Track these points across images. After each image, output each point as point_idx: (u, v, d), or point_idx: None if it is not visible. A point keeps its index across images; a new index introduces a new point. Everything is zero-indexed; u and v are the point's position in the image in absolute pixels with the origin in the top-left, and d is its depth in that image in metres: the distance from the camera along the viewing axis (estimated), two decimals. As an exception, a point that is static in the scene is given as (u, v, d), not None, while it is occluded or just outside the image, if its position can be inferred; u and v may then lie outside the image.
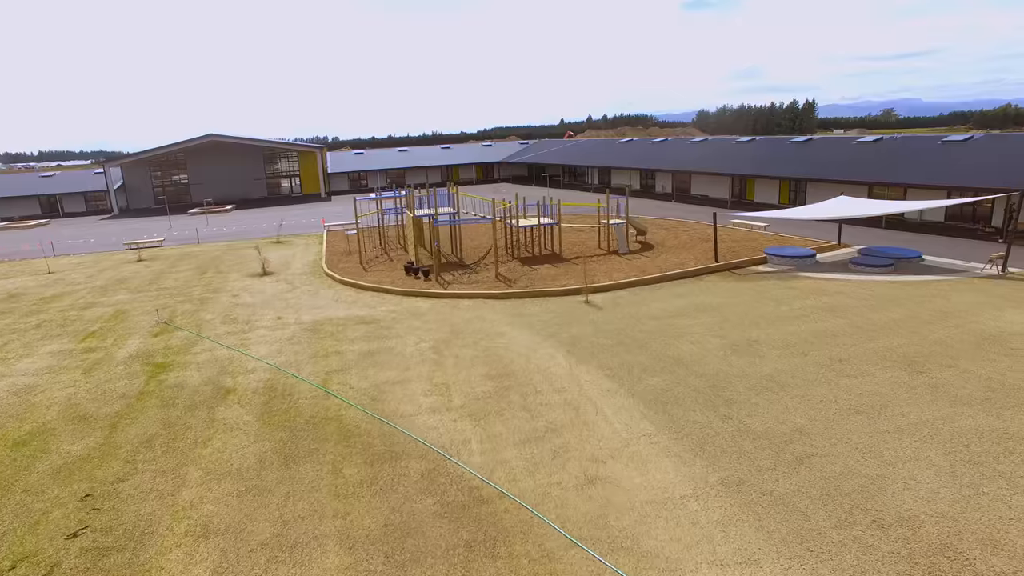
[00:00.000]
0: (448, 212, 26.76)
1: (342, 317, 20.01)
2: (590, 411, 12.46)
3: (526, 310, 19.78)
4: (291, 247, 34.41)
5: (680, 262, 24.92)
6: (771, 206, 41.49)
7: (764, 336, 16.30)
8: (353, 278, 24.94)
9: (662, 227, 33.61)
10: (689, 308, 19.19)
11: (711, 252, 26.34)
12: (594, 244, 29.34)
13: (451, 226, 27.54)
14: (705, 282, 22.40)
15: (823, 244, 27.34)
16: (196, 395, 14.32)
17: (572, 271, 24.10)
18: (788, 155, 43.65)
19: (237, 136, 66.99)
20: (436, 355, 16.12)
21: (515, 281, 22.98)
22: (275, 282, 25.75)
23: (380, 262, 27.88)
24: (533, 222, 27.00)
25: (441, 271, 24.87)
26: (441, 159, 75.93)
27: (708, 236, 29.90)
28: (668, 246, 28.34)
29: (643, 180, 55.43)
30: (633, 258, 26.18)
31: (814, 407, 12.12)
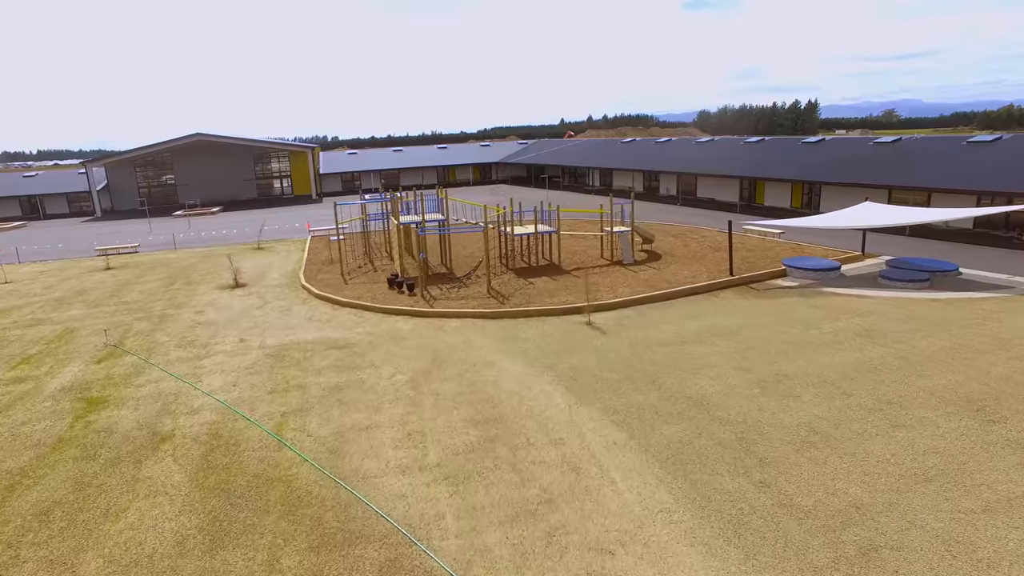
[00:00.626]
0: (436, 219, 24.48)
1: (312, 340, 17.72)
2: (594, 473, 10.18)
3: (520, 333, 17.49)
4: (271, 254, 32.13)
5: (691, 275, 22.63)
6: (782, 210, 39.22)
7: (795, 369, 14.02)
8: (331, 292, 22.66)
9: (669, 234, 31.32)
10: (705, 331, 16.90)
11: (724, 263, 24.05)
12: (596, 253, 27.05)
13: (440, 235, 25.26)
14: (720, 299, 20.11)
15: (846, 254, 25.05)
16: (125, 444, 12.03)
17: (572, 285, 21.83)
18: (799, 156, 41.37)
19: (225, 135, 64.70)
20: (413, 391, 13.83)
21: (509, 297, 20.70)
22: (246, 296, 23.46)
23: (363, 273, 25.59)
24: (529, 230, 24.72)
25: (428, 284, 22.60)
26: (437, 159, 73.64)
27: (719, 244, 27.62)
28: (677, 256, 26.05)
29: (646, 182, 53.14)
30: (639, 269, 23.89)
31: (870, 471, 9.83)
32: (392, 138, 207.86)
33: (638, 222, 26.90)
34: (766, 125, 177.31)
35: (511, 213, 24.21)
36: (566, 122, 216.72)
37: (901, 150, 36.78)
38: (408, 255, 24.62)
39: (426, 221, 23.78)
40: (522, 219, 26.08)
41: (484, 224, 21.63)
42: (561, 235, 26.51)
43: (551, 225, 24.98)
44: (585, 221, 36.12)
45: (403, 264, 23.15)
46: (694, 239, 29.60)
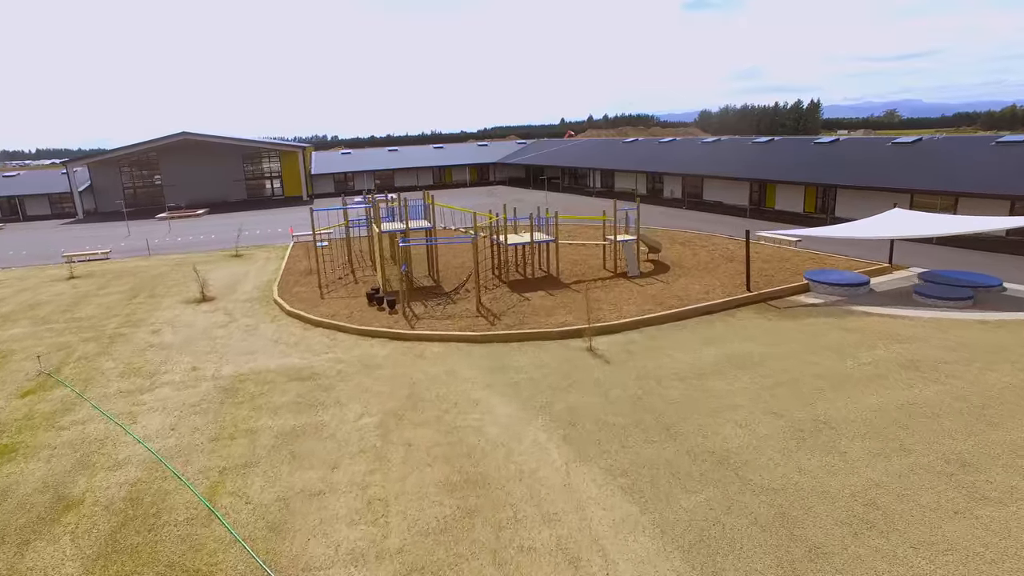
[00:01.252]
0: (422, 227, 22.25)
1: (274, 369, 15.48)
2: (596, 567, 7.95)
3: (511, 361, 15.25)
4: (248, 262, 29.88)
5: (703, 290, 20.38)
6: (794, 215, 37.00)
7: (835, 412, 11.78)
8: (304, 308, 20.43)
9: (676, 241, 29.06)
10: (724, 361, 14.66)
11: (739, 275, 21.82)
12: (598, 264, 24.80)
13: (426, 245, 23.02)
14: (738, 319, 17.85)
15: (871, 265, 22.81)
16: (18, 513, 9.80)
17: (572, 301, 19.59)
18: (812, 158, 39.11)
19: (213, 134, 62.47)
20: (381, 439, 11.60)
21: (500, 316, 18.46)
22: (212, 311, 21.22)
23: (343, 285, 23.36)
24: (525, 239, 22.47)
25: (411, 300, 20.37)
26: (433, 159, 71.39)
27: (732, 254, 25.38)
28: (686, 267, 23.80)
29: (650, 184, 50.89)
30: (646, 283, 21.65)
31: (958, 571, 7.60)
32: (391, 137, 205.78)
33: (644, 229, 24.64)
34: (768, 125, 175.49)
35: (504, 220, 21.94)
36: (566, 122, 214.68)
37: (923, 151, 34.54)
38: (393, 266, 22.39)
39: (410, 229, 21.54)
40: (517, 227, 23.85)
41: (473, 234, 19.37)
42: (560, 244, 24.28)
43: (548, 233, 22.74)
44: (586, 227, 33.91)
45: (385, 277, 20.91)
46: (704, 248, 27.34)
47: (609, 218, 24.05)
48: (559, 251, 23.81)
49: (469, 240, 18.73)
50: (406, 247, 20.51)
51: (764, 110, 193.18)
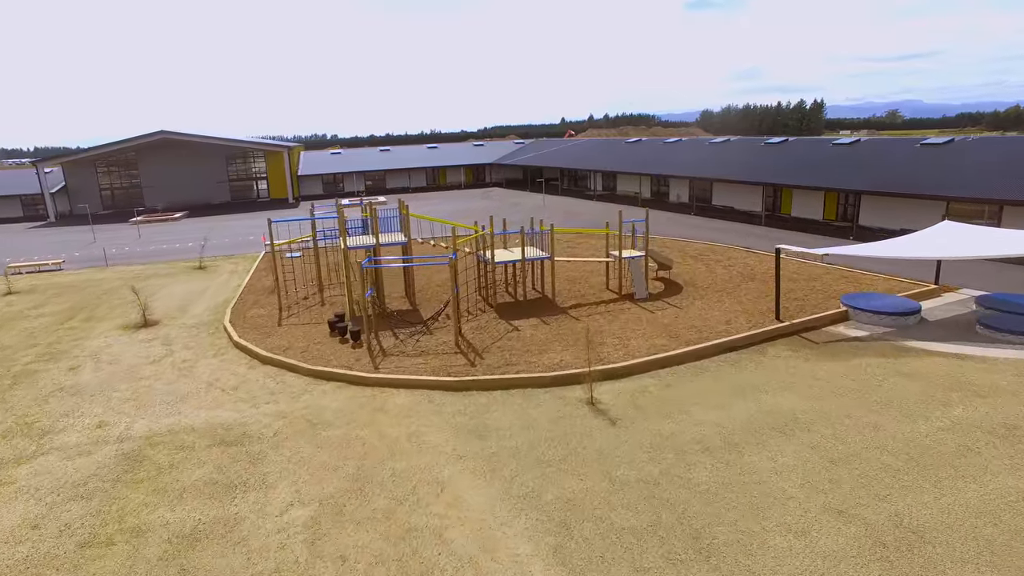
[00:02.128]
0: (396, 242, 19.17)
1: (198, 427, 12.41)
2: None
3: (492, 419, 12.18)
4: (211, 276, 26.81)
5: (724, 318, 17.31)
6: (813, 223, 33.92)
7: (923, 513, 8.71)
8: (256, 338, 17.37)
9: (687, 254, 25.97)
10: (761, 421, 11.59)
11: (762, 297, 18.77)
12: (600, 282, 21.72)
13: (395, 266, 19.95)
14: (770, 359, 14.77)
15: (915, 286, 19.74)
16: None
17: (569, 332, 16.54)
18: (830, 160, 36.01)
19: (193, 133, 59.44)
20: (308, 549, 8.54)
21: (483, 352, 15.39)
22: (148, 341, 18.16)
23: (307, 307, 20.32)
24: (515, 256, 19.37)
25: (380, 329, 17.29)
26: (427, 160, 68.30)
27: (752, 271, 22.31)
28: (701, 287, 20.72)
29: (654, 187, 47.80)
30: (656, 307, 18.58)
31: None
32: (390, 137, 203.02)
33: (655, 247, 21.52)
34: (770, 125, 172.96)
35: (491, 234, 18.84)
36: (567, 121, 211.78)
37: (956, 153, 31.45)
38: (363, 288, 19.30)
39: (381, 245, 18.46)
40: (506, 241, 20.76)
41: (452, 253, 16.27)
42: (557, 260, 21.20)
43: (543, 248, 19.65)
44: (587, 237, 30.83)
45: (352, 302, 17.83)
46: (719, 262, 24.25)
47: (613, 230, 20.96)
48: (556, 268, 20.72)
49: (446, 261, 15.67)
50: (371, 269, 17.43)
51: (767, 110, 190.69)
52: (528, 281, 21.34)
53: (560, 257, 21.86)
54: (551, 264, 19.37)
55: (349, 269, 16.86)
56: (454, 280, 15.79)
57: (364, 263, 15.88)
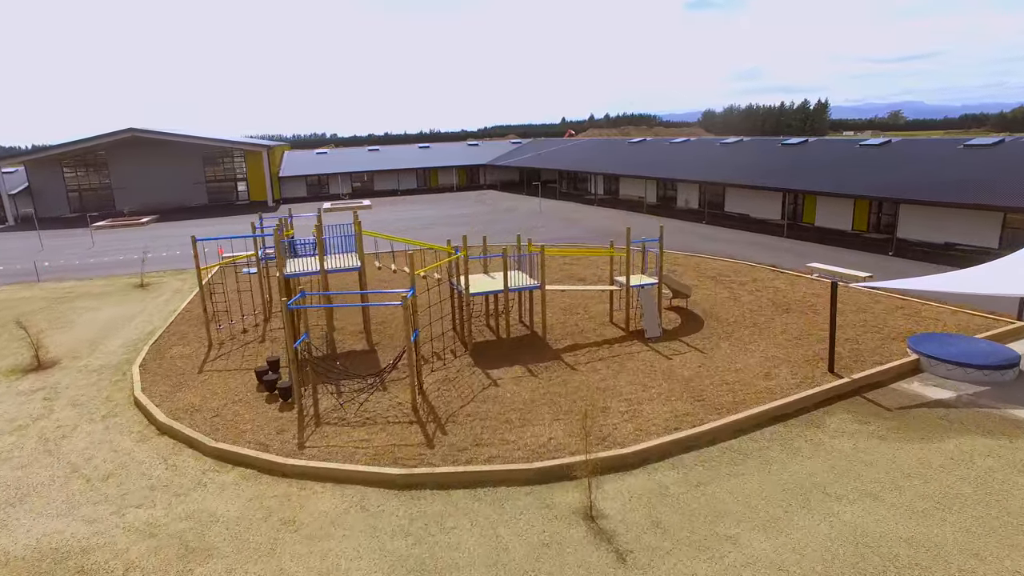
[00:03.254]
0: (348, 268, 15.34)
1: (17, 555, 8.60)
2: None
3: (446, 550, 8.36)
4: (149, 296, 22.99)
5: (762, 369, 13.50)
6: (840, 233, 30.13)
7: None
8: (163, 392, 13.59)
9: (705, 274, 22.15)
10: (844, 559, 7.79)
11: (800, 335, 15.00)
12: (602, 311, 17.91)
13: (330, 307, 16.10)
14: (831, 435, 10.96)
15: (994, 322, 15.93)
16: None
17: (562, 388, 12.75)
18: (859, 163, 32.18)
19: (165, 131, 55.62)
20: None
21: (447, 421, 11.59)
22: (29, 393, 14.34)
23: (245, 343, 16.54)
24: (495, 284, 15.52)
25: (322, 381, 13.47)
26: (418, 161, 64.46)
27: (785, 298, 18.48)
28: (726, 320, 16.92)
29: (660, 191, 43.97)
30: (673, 351, 14.78)
31: None
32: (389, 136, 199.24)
33: (670, 272, 17.57)
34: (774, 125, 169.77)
35: (465, 258, 14.97)
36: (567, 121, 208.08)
37: (1008, 156, 27.64)
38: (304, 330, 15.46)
39: (328, 272, 14.64)
40: (487, 265, 16.91)
41: (409, 289, 12.43)
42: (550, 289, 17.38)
43: (532, 274, 15.81)
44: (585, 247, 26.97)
45: (291, 344, 13.98)
46: (743, 286, 20.42)
47: (619, 250, 17.13)
48: (548, 298, 16.89)
49: (399, 301, 11.87)
50: (315, 306, 13.61)
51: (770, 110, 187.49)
52: (515, 312, 17.56)
53: (553, 285, 18.00)
54: (542, 294, 15.52)
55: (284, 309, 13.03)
56: (409, 324, 11.97)
57: (291, 302, 12.07)
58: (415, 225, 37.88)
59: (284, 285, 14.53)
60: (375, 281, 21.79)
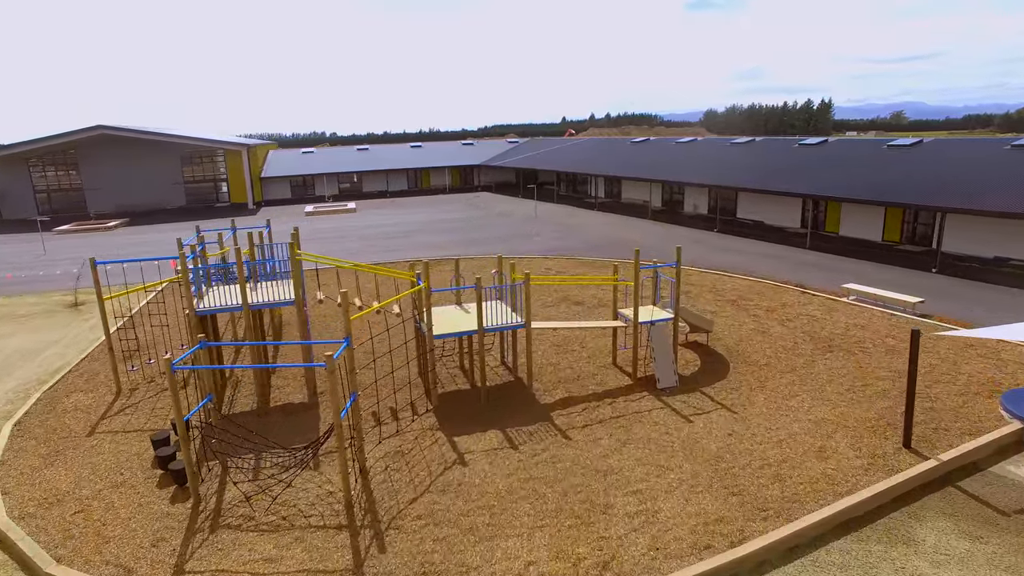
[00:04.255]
0: (280, 303, 12.10)
1: None
2: None
3: None
4: (77, 320, 19.77)
5: (814, 441, 10.27)
6: (871, 245, 26.93)
7: None
8: (30, 467, 10.39)
9: (723, 295, 18.91)
10: None
11: (860, 387, 11.77)
12: (603, 348, 14.69)
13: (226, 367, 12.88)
14: (929, 558, 7.73)
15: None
16: None
17: (550, 470, 9.56)
18: (888, 166, 28.93)
19: (136, 129, 52.40)
20: None
21: (388, 528, 8.37)
22: None
23: (162, 391, 13.33)
24: (466, 322, 12.24)
25: (236, 453, 10.24)
26: (408, 161, 61.17)
27: (824, 329, 15.21)
28: (756, 361, 13.69)
29: (666, 194, 40.73)
30: (694, 408, 11.56)
31: None
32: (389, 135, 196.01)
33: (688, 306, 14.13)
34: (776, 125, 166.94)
35: (426, 290, 11.69)
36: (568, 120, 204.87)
37: (1063, 160, 24.39)
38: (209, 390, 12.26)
39: (251, 307, 11.40)
40: (460, 298, 13.67)
41: (344, 340, 9.20)
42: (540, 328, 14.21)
43: (516, 311, 12.53)
44: (586, 268, 23.76)
45: (180, 417, 10.76)
46: (772, 313, 17.18)
47: (624, 281, 13.87)
48: (536, 335, 13.67)
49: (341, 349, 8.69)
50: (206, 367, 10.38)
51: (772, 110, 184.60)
52: (495, 347, 14.35)
53: (541, 323, 14.73)
54: (527, 335, 12.25)
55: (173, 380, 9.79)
56: (338, 392, 8.74)
57: (175, 363, 8.82)
58: (398, 231, 34.67)
59: (196, 325, 11.29)
60: (322, 317, 18.42)
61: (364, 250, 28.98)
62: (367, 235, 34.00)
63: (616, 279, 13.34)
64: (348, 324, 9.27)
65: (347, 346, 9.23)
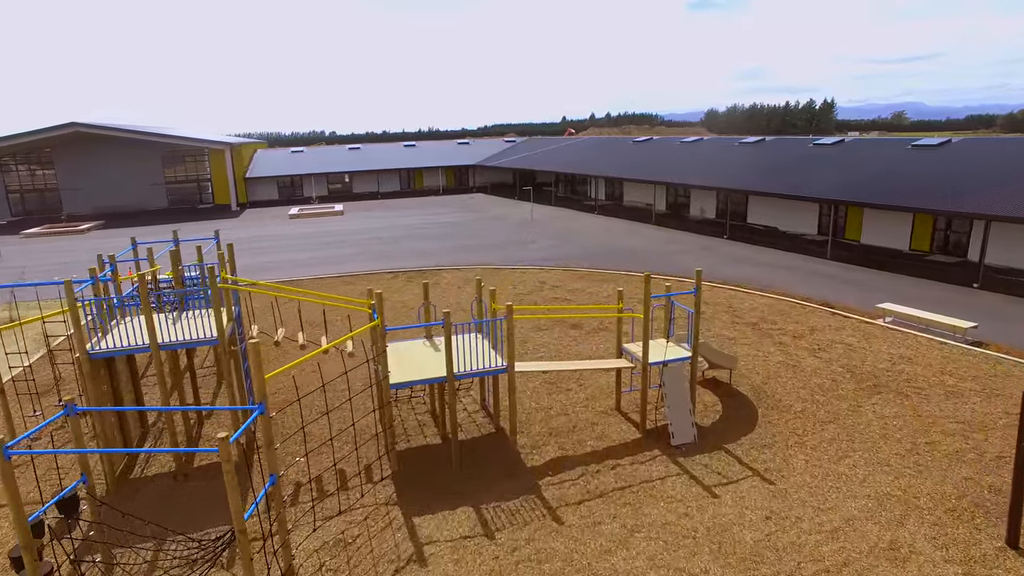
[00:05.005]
0: (201, 341, 9.66)
1: None
2: None
3: None
4: None
5: (880, 531, 7.87)
6: (897, 255, 24.55)
7: None
8: None
9: (742, 317, 16.49)
10: None
11: (916, 441, 9.35)
12: (604, 388, 12.29)
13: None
14: None
15: None
16: None
17: (533, 572, 7.17)
18: (914, 168, 26.51)
19: (111, 127, 50.01)
20: None
21: None
22: None
23: (63, 444, 10.92)
24: (433, 366, 9.80)
25: (117, 543, 7.83)
26: (401, 161, 58.73)
27: (864, 363, 12.78)
28: (789, 406, 11.30)
29: (670, 196, 38.33)
30: (718, 475, 9.17)
31: None
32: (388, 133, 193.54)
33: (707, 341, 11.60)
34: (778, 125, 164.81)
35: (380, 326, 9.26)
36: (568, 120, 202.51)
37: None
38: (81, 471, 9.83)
39: (161, 347, 8.98)
40: (431, 336, 11.22)
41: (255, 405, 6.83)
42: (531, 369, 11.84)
43: (497, 349, 10.11)
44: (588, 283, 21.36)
45: (21, 524, 8.32)
46: (800, 340, 14.75)
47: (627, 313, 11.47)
48: (524, 376, 11.25)
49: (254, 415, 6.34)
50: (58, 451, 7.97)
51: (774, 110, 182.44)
52: (476, 387, 11.94)
53: (528, 364, 12.33)
54: (509, 380, 9.82)
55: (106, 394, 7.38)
56: (234, 488, 6.33)
57: (8, 448, 6.41)
58: (385, 236, 32.25)
59: (89, 373, 8.88)
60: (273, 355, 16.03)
61: (343, 258, 26.57)
62: (350, 240, 31.60)
63: (620, 308, 10.90)
64: (262, 385, 6.85)
65: (260, 414, 6.83)
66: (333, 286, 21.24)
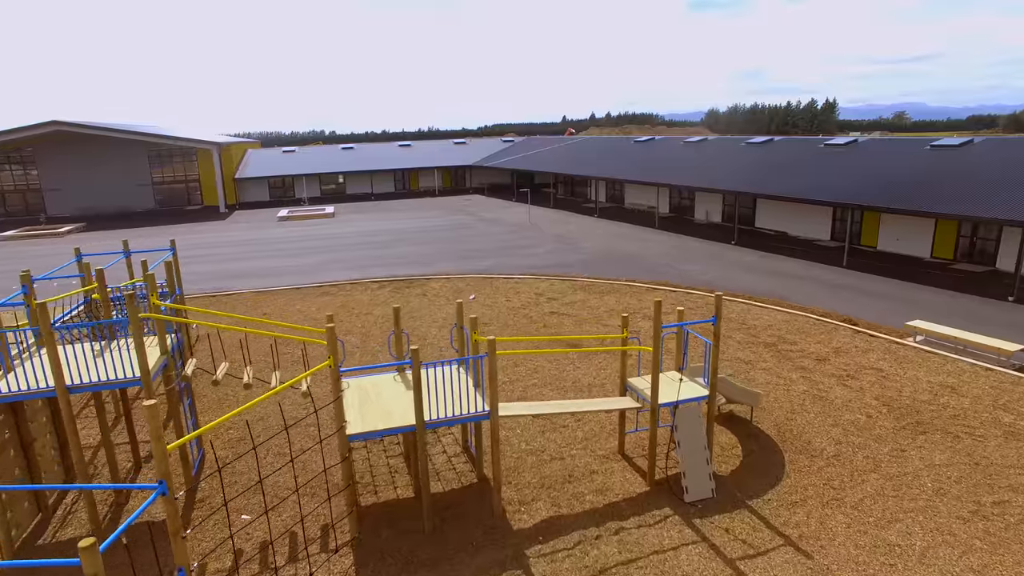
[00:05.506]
0: (116, 383, 8.04)
1: None
2: None
3: None
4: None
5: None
6: (914, 261, 22.97)
7: None
8: None
9: (756, 337, 14.87)
10: None
11: (978, 498, 7.73)
12: (605, 427, 10.70)
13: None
14: None
15: None
16: None
17: None
18: (935, 169, 24.89)
19: (94, 125, 48.34)
20: None
21: None
22: None
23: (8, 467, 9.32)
24: (400, 413, 8.20)
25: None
26: (396, 161, 57.12)
27: (897, 391, 11.16)
28: (820, 450, 9.70)
29: (674, 199, 36.72)
30: (742, 543, 7.57)
31: None
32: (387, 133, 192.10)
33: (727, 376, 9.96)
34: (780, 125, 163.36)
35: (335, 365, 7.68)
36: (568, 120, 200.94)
37: None
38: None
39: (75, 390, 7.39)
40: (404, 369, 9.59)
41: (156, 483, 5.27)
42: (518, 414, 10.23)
43: (480, 392, 8.51)
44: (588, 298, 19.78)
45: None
46: (824, 363, 13.14)
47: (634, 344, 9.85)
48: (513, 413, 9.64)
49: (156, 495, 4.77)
50: None
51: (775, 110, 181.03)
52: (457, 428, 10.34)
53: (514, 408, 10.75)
54: (492, 428, 8.22)
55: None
56: None
57: None
58: (376, 241, 30.65)
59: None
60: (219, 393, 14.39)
61: (326, 265, 24.96)
62: (338, 245, 29.99)
63: (626, 337, 9.29)
64: (164, 460, 5.24)
65: (160, 495, 5.23)
66: (310, 297, 19.62)
